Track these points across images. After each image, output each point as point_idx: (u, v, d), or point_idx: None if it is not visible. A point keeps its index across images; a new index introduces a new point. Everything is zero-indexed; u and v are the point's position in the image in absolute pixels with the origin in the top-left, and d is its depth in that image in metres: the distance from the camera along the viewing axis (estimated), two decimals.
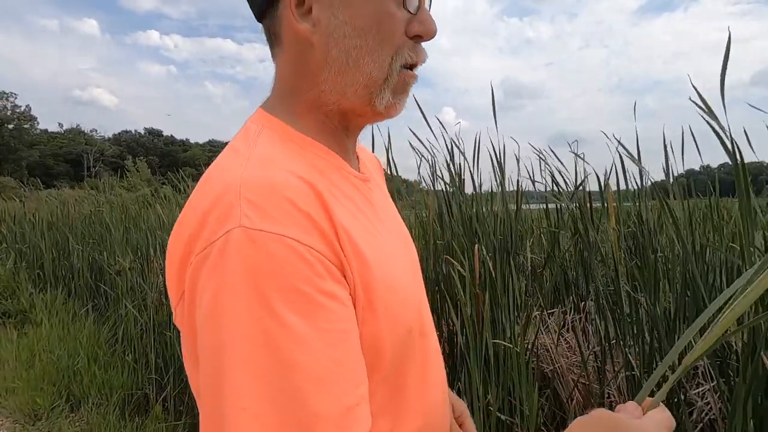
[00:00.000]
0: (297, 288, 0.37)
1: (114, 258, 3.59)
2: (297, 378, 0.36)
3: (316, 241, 0.40)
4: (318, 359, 0.37)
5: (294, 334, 0.36)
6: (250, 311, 0.36)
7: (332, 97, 0.49)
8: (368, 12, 0.47)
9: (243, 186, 0.40)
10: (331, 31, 0.47)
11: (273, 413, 0.35)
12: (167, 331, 2.67)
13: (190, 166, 49.15)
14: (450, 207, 1.96)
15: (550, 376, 1.72)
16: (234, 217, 0.38)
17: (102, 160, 57.74)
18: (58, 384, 2.76)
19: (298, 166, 0.44)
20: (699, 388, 1.50)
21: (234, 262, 0.37)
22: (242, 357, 0.36)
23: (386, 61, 0.48)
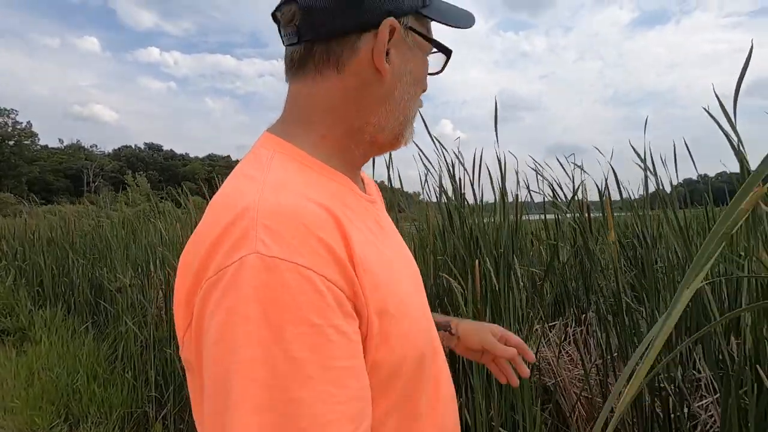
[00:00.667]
0: (308, 320, 0.37)
1: (114, 274, 3.58)
2: (299, 416, 0.36)
3: (332, 271, 0.40)
4: (321, 399, 0.37)
5: (300, 371, 0.36)
6: (259, 341, 0.36)
7: (373, 129, 0.53)
8: (422, 68, 0.55)
9: (260, 212, 0.40)
10: (400, 75, 0.52)
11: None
12: (167, 348, 2.65)
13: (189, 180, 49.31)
14: (451, 220, 1.97)
15: (553, 390, 1.71)
16: (249, 243, 0.38)
17: (102, 175, 57.88)
18: (57, 403, 2.73)
19: (315, 192, 0.45)
20: (702, 400, 1.50)
21: (247, 288, 0.37)
22: (247, 388, 0.36)
23: (417, 106, 0.56)
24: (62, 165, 60.59)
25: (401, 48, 0.51)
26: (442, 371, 0.56)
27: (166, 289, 2.97)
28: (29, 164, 55.46)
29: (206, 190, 3.50)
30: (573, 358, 1.82)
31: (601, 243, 2.13)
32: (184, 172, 67.98)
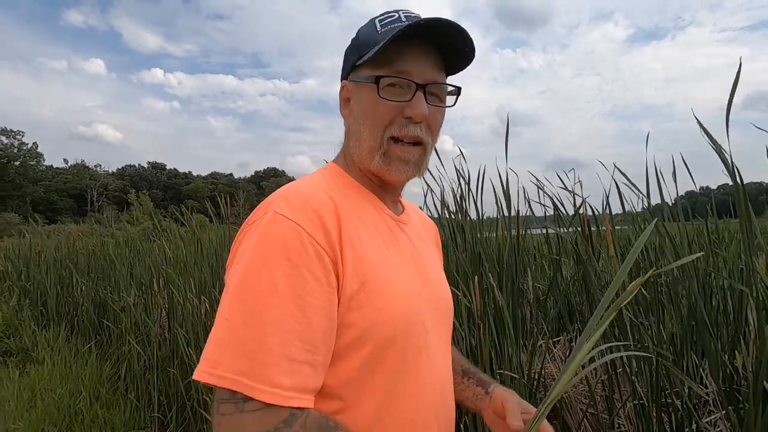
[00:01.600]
0: (290, 258, 0.54)
1: (118, 293, 3.59)
2: (264, 318, 0.51)
3: (318, 234, 0.56)
4: (284, 311, 0.52)
5: (274, 286, 0.52)
6: (254, 262, 0.54)
7: (356, 158, 0.69)
8: (366, 101, 0.67)
9: (284, 192, 0.61)
10: (357, 116, 0.68)
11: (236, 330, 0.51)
12: (170, 368, 2.65)
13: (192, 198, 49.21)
14: (455, 235, 1.98)
15: (558, 406, 1.70)
16: (273, 206, 0.58)
17: (105, 194, 58.28)
18: (60, 424, 2.70)
19: (333, 191, 0.63)
20: (710, 416, 1.48)
21: (260, 231, 0.56)
22: (238, 289, 0.53)
23: (378, 133, 0.66)
24: (66, 185, 61.07)
25: (355, 96, 0.69)
26: (421, 363, 0.64)
27: (170, 308, 2.97)
28: (34, 184, 55.92)
29: (210, 209, 3.53)
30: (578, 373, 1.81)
31: (604, 258, 2.13)
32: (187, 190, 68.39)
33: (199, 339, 2.54)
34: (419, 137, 0.65)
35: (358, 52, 0.67)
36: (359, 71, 0.68)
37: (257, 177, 79.56)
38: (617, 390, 1.62)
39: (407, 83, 0.64)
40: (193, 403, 2.43)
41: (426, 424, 0.63)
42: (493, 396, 0.77)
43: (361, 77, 0.67)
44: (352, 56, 0.69)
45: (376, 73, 0.64)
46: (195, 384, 2.40)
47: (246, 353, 0.50)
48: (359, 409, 0.58)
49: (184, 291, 2.84)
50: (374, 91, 0.64)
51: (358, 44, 0.68)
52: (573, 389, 1.72)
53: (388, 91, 0.64)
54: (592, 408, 1.62)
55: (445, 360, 0.71)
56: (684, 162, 1.70)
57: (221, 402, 0.51)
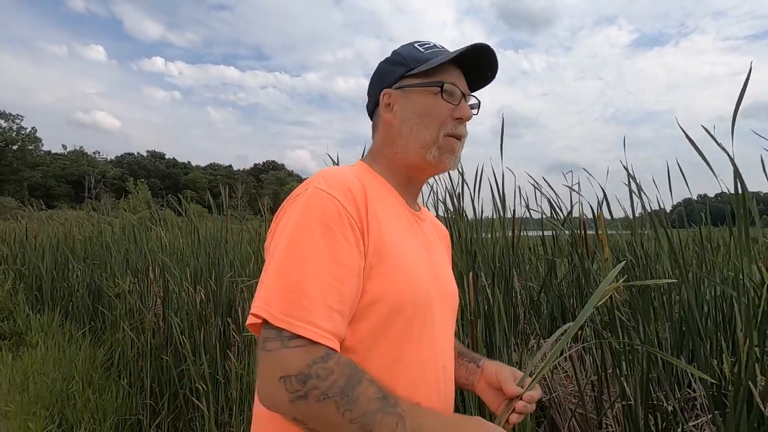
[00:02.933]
0: (328, 224, 0.64)
1: (113, 280, 3.59)
2: (308, 271, 0.62)
3: (352, 208, 0.67)
4: (323, 267, 0.62)
5: (315, 246, 0.63)
6: (299, 226, 0.64)
7: (401, 155, 0.80)
8: (423, 103, 0.78)
9: (324, 173, 0.72)
10: (404, 118, 0.79)
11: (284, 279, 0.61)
12: (164, 355, 2.65)
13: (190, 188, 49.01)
14: (451, 234, 1.99)
15: (548, 406, 1.72)
16: (313, 183, 0.69)
17: (103, 181, 58.06)
18: (52, 408, 2.71)
19: (363, 178, 0.74)
20: (697, 419, 1.50)
21: (304, 201, 0.67)
22: (286, 248, 0.64)
23: (435, 131, 0.78)
24: (64, 170, 60.81)
25: (399, 101, 0.80)
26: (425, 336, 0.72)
27: (165, 296, 2.98)
28: (32, 169, 55.64)
29: (209, 199, 3.53)
30: (568, 374, 1.83)
31: (598, 260, 2.14)
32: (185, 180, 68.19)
33: (193, 327, 2.55)
34: (464, 135, 0.81)
35: (405, 66, 0.79)
36: (407, 80, 0.79)
37: (256, 170, 79.36)
38: (606, 391, 1.64)
39: (458, 91, 0.79)
40: (185, 391, 2.45)
41: (429, 387, 0.71)
42: (483, 368, 0.85)
43: (414, 84, 0.79)
44: (395, 70, 0.80)
45: (434, 80, 0.78)
46: (187, 372, 2.41)
47: (292, 300, 0.60)
48: (370, 364, 0.65)
49: (179, 279, 2.85)
50: (432, 94, 0.78)
51: (402, 60, 0.80)
52: (563, 389, 1.74)
53: (446, 95, 0.78)
54: (581, 408, 1.64)
55: (447, 341, 0.79)
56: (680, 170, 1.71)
57: (267, 340, 0.60)
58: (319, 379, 0.57)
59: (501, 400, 0.80)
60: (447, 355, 0.78)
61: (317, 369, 0.57)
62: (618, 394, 1.56)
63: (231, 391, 2.23)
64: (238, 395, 2.17)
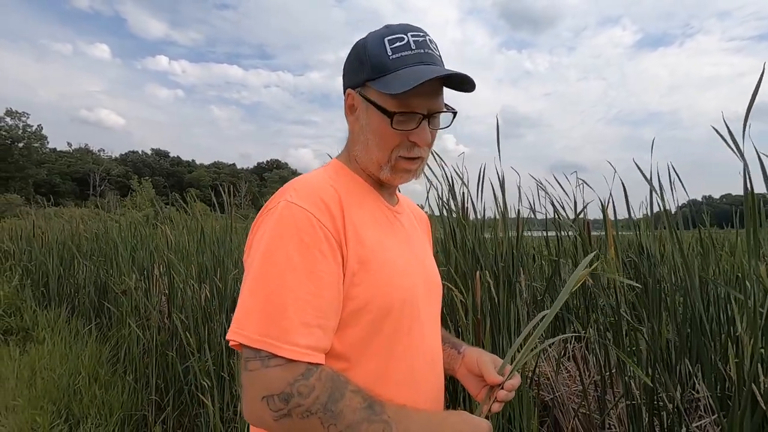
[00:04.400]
0: (302, 239, 0.63)
1: (119, 277, 3.62)
2: (283, 289, 0.61)
3: (326, 219, 0.65)
4: (299, 283, 0.62)
5: (290, 262, 0.62)
6: (272, 243, 0.63)
7: (362, 163, 0.78)
8: (376, 123, 0.74)
9: (295, 184, 0.70)
10: (362, 126, 0.76)
11: (260, 299, 0.61)
12: (169, 352, 2.68)
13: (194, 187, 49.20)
14: (454, 234, 2.00)
15: (551, 405, 1.72)
16: (285, 196, 0.68)
17: (108, 179, 58.34)
18: (58, 403, 2.74)
19: (336, 184, 0.72)
20: (700, 420, 1.50)
21: (276, 216, 0.65)
22: (260, 266, 0.63)
23: (386, 153, 0.75)
24: (69, 168, 61.14)
25: (361, 107, 0.75)
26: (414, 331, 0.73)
27: (170, 293, 3.00)
28: (37, 166, 55.96)
29: (213, 198, 3.55)
30: (572, 374, 1.83)
31: (602, 261, 2.14)
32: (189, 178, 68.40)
33: (198, 324, 2.57)
34: (421, 157, 0.76)
35: (367, 71, 0.72)
36: (368, 90, 0.73)
37: (260, 168, 79.54)
38: (610, 390, 1.64)
39: (415, 117, 0.72)
40: (190, 387, 2.47)
41: (418, 383, 0.73)
42: (464, 355, 0.86)
43: (371, 100, 0.73)
44: (361, 70, 0.73)
45: (388, 106, 0.71)
46: (192, 368, 2.43)
47: (269, 319, 0.60)
48: (362, 368, 0.68)
49: (185, 277, 2.87)
50: (386, 120, 0.72)
51: (367, 61, 0.72)
52: (566, 388, 1.75)
53: (397, 122, 0.72)
54: (584, 408, 1.65)
55: (434, 331, 0.81)
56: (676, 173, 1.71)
57: (248, 360, 0.61)
58: (302, 397, 0.58)
59: (482, 387, 0.81)
60: (435, 347, 0.80)
61: (299, 387, 0.58)
62: (622, 394, 1.57)
63: (235, 388, 2.25)
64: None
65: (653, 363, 1.49)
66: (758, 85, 1.13)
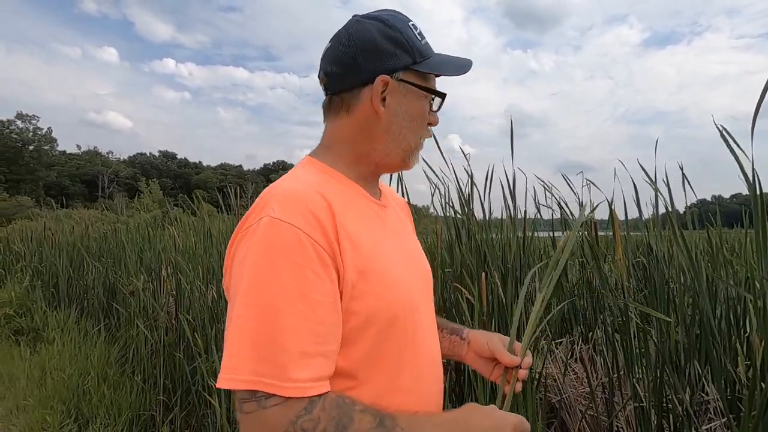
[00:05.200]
0: (293, 260, 0.57)
1: (128, 278, 3.65)
2: (276, 320, 0.55)
3: (316, 233, 0.59)
4: (294, 312, 0.55)
5: (282, 288, 0.56)
6: (259, 268, 0.56)
7: (379, 154, 0.73)
8: (418, 108, 0.72)
9: (277, 194, 0.62)
10: (395, 115, 0.71)
11: (251, 334, 0.55)
12: (176, 353, 2.69)
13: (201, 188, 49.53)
14: (460, 234, 2.00)
15: (558, 407, 1.71)
16: (266, 211, 0.59)
17: (116, 181, 58.92)
18: (68, 403, 2.77)
19: (320, 186, 0.65)
20: (710, 423, 1.49)
21: (259, 236, 0.58)
22: (246, 295, 0.56)
23: (418, 137, 0.74)
24: (79, 170, 61.83)
25: (396, 95, 0.71)
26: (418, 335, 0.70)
27: (177, 294, 3.02)
28: (47, 169, 56.68)
29: (220, 199, 3.58)
30: (579, 375, 1.82)
31: (609, 261, 2.13)
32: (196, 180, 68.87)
33: (205, 325, 2.59)
34: None
35: (409, 55, 0.70)
36: (410, 76, 0.71)
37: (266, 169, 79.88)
38: (618, 392, 1.63)
39: (441, 97, 0.75)
40: (197, 388, 2.48)
41: (424, 387, 0.71)
42: (470, 340, 0.85)
43: (416, 84, 0.71)
44: (401, 55, 0.70)
45: (429, 86, 0.73)
46: (200, 369, 2.45)
47: (262, 356, 0.54)
48: (372, 384, 0.64)
49: (192, 278, 2.89)
50: (425, 99, 0.73)
51: (406, 46, 0.70)
52: (573, 390, 1.73)
53: (435, 103, 0.75)
54: (592, 410, 1.63)
55: (432, 327, 0.79)
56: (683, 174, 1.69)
57: (244, 401, 0.54)
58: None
59: (493, 368, 0.82)
60: (434, 345, 0.77)
61: (302, 423, 0.54)
62: (630, 396, 1.55)
63: None
64: None
65: (662, 365, 1.47)
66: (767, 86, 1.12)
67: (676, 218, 1.66)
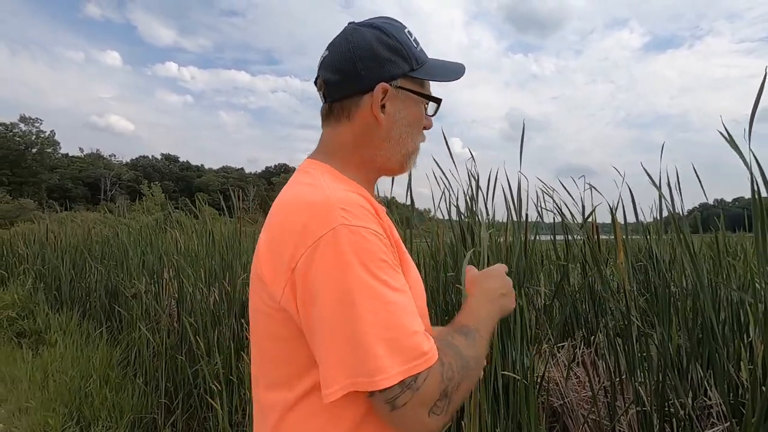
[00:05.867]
0: (381, 258, 0.60)
1: (130, 280, 3.66)
2: (392, 308, 0.58)
3: (381, 230, 0.63)
4: (404, 300, 0.60)
5: (387, 285, 0.59)
6: (359, 273, 0.58)
7: (381, 159, 0.76)
8: (415, 113, 0.76)
9: (335, 201, 0.63)
10: (395, 121, 0.74)
11: (377, 333, 0.57)
12: (178, 355, 2.70)
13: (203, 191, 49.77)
14: (464, 237, 2.00)
15: (560, 411, 1.71)
16: (335, 219, 0.60)
17: (119, 184, 59.07)
18: (70, 405, 2.78)
19: (352, 191, 0.69)
20: (713, 428, 1.48)
21: (344, 244, 0.59)
22: (362, 297, 0.57)
23: (416, 141, 0.77)
24: (81, 173, 62.01)
25: (395, 101, 0.73)
26: None
27: (179, 296, 3.03)
28: (50, 171, 56.89)
29: (222, 202, 3.59)
30: (581, 379, 1.82)
31: (611, 265, 2.13)
32: (198, 183, 68.99)
33: (207, 328, 2.59)
34: None
35: (407, 62, 0.73)
36: (408, 83, 0.74)
37: (268, 173, 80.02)
38: (620, 396, 1.63)
39: (436, 102, 0.78)
40: (199, 390, 2.48)
41: None
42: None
43: (415, 91, 0.75)
44: (400, 63, 0.73)
45: (426, 92, 0.77)
46: (202, 371, 2.45)
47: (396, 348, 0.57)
48: None
49: (194, 280, 2.90)
50: (422, 105, 0.76)
51: (403, 53, 0.73)
52: (575, 394, 1.73)
53: (430, 108, 0.78)
54: (594, 414, 1.63)
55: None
56: (696, 174, 1.70)
57: (396, 398, 0.57)
58: (451, 381, 0.60)
59: None
60: None
61: (445, 375, 0.60)
62: (632, 400, 1.55)
63: (244, 392, 2.26)
64: (251, 395, 2.19)
65: (664, 369, 1.47)
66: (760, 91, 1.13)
67: (682, 222, 1.66)
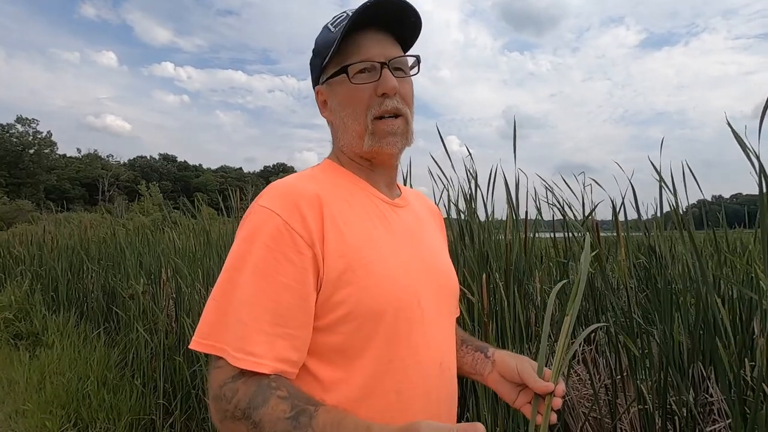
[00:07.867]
0: (266, 243, 0.62)
1: (127, 281, 3.64)
2: (241, 293, 0.60)
3: (297, 222, 0.63)
4: (256, 289, 0.60)
5: (252, 268, 0.61)
6: (239, 248, 0.64)
7: (347, 148, 0.76)
8: (344, 93, 0.73)
9: (269, 187, 0.69)
10: (337, 111, 0.75)
11: (219, 307, 0.61)
12: (176, 356, 2.68)
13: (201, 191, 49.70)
14: (463, 235, 1.99)
15: (561, 409, 1.70)
16: (258, 201, 0.67)
17: (116, 184, 58.93)
18: (68, 407, 2.75)
19: (321, 181, 0.71)
20: (714, 425, 1.47)
21: (247, 223, 0.66)
22: (225, 270, 0.63)
23: (362, 118, 0.72)
24: (79, 174, 61.83)
25: (329, 95, 0.77)
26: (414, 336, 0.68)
27: (177, 297, 3.01)
28: (47, 172, 56.69)
29: (220, 202, 3.57)
30: (582, 377, 1.81)
31: (611, 262, 2.12)
32: (196, 183, 68.90)
33: None
34: (397, 108, 0.72)
35: (321, 57, 0.75)
36: (327, 72, 0.76)
37: (266, 172, 79.96)
38: (622, 394, 1.62)
39: (372, 65, 0.71)
40: (197, 391, 2.47)
41: (414, 394, 0.67)
42: (496, 359, 0.80)
43: (331, 74, 0.74)
44: (316, 62, 0.77)
45: (344, 65, 0.72)
46: (200, 372, 2.43)
47: (223, 324, 0.60)
48: (354, 379, 0.64)
49: (191, 281, 2.88)
50: (346, 81, 0.72)
51: (318, 51, 0.76)
52: (576, 392, 1.72)
53: (358, 77, 0.72)
54: (595, 412, 1.62)
55: (446, 336, 0.74)
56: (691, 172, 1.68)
57: (216, 367, 0.61)
58: (226, 401, 0.57)
59: (518, 394, 0.75)
60: (444, 350, 0.73)
61: (225, 389, 0.58)
62: (634, 398, 1.54)
63: None
64: None
65: (665, 366, 1.46)
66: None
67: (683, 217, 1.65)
